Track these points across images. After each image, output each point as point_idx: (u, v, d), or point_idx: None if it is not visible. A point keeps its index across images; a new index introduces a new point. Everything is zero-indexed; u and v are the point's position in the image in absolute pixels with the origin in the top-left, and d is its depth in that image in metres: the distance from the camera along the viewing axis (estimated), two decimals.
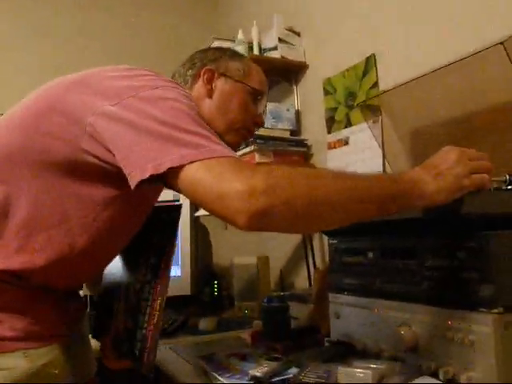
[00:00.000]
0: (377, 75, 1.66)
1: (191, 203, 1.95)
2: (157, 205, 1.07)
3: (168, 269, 0.93)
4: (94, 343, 1.08)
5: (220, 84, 1.10)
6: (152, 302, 0.92)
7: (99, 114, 0.81)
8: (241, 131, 1.12)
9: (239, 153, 1.94)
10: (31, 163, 0.84)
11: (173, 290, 1.86)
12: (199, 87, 1.11)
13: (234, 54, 1.18)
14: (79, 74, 0.90)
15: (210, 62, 1.13)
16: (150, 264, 0.97)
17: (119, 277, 1.06)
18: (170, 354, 1.27)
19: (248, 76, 1.13)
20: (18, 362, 0.82)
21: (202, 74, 1.11)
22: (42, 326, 0.86)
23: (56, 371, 0.86)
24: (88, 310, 1.25)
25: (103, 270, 1.10)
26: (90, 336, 1.07)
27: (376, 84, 1.66)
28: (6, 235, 0.84)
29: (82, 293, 1.08)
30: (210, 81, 1.10)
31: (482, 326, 0.79)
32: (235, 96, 1.10)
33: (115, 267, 1.07)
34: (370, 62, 1.68)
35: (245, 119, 1.11)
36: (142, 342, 0.90)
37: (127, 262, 1.06)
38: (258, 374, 0.94)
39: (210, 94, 1.10)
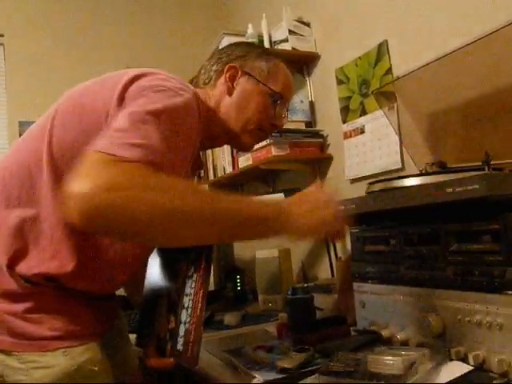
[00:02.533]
0: (390, 61, 1.65)
1: None
2: None
3: (209, 261, 0.94)
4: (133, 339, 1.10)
5: (242, 83, 1.10)
6: (194, 296, 0.92)
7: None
8: (256, 132, 1.12)
9: (256, 147, 1.95)
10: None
11: None
12: (221, 84, 1.10)
13: (263, 53, 1.15)
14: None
15: (236, 58, 1.12)
16: (190, 259, 0.97)
17: (159, 285, 1.07)
18: None
19: (271, 77, 1.11)
20: (59, 360, 0.84)
21: (225, 70, 1.10)
22: (80, 326, 0.89)
23: (96, 368, 0.88)
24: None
25: (140, 278, 1.11)
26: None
27: (389, 70, 1.64)
28: (42, 241, 0.86)
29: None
30: (232, 78, 1.10)
31: (510, 309, 0.79)
32: (254, 96, 1.09)
33: (154, 276, 1.09)
34: (382, 49, 1.67)
35: (261, 120, 1.10)
36: (185, 336, 0.91)
37: (167, 266, 1.07)
38: (287, 366, 0.95)
39: (230, 92, 1.09)
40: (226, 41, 2.20)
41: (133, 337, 1.11)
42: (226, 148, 2.33)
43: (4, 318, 0.85)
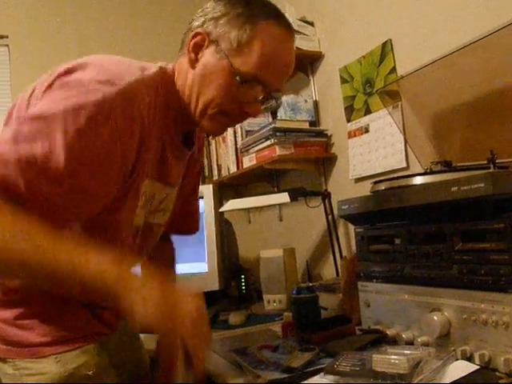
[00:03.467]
0: (394, 60, 1.64)
1: (215, 199, 1.97)
2: None
3: None
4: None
5: (207, 54, 0.89)
6: None
7: None
8: (218, 117, 0.91)
9: (259, 146, 1.95)
10: None
11: (201, 286, 1.89)
12: (186, 54, 0.91)
13: (242, 15, 0.87)
14: None
15: (210, 20, 0.89)
16: None
17: None
18: None
19: (241, 51, 0.86)
20: (51, 366, 0.84)
21: (190, 37, 0.90)
22: (71, 330, 0.87)
23: (90, 372, 0.86)
24: None
25: None
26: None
27: (394, 69, 1.64)
28: None
29: None
30: (197, 48, 0.89)
31: None
32: (217, 73, 0.87)
33: None
34: (386, 48, 1.67)
35: (224, 104, 0.89)
36: None
37: None
38: (292, 365, 0.95)
39: (192, 65, 0.90)
40: None
41: (143, 336, 1.11)
42: (230, 148, 2.34)
43: None
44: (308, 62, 2.09)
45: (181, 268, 1.96)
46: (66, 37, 2.62)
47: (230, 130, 2.36)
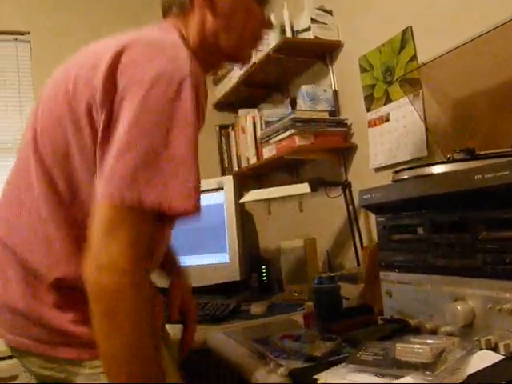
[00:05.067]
0: (414, 48, 1.62)
1: (235, 190, 1.98)
2: None
3: None
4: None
5: None
6: None
7: None
8: (252, 43, 1.03)
9: (279, 137, 1.94)
10: None
11: (222, 277, 1.92)
12: (199, 6, 0.95)
13: None
14: None
15: None
16: None
17: None
18: (224, 339, 1.30)
19: None
20: None
21: None
22: None
23: (168, 368, 0.86)
24: None
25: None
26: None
27: (414, 57, 1.62)
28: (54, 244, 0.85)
29: None
30: None
31: None
32: (238, 6, 0.96)
33: None
34: (406, 35, 1.64)
35: (254, 28, 1.00)
36: None
37: None
38: (315, 354, 0.95)
39: (212, 12, 0.94)
40: None
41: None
42: (250, 139, 2.34)
43: (68, 328, 0.82)
44: (327, 52, 2.07)
45: (202, 259, 1.99)
46: (89, 32, 2.64)
47: (249, 121, 2.36)
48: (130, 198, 0.71)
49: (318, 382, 0.83)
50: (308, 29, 1.96)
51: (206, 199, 2.02)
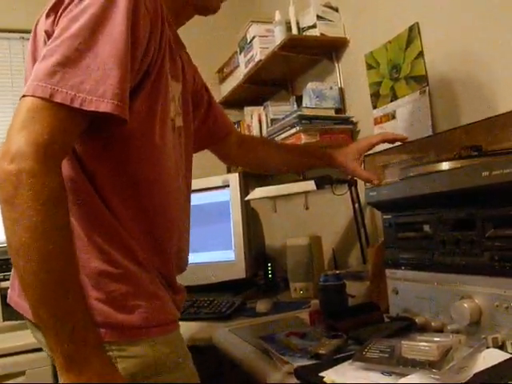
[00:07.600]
0: (421, 44, 1.61)
1: (241, 188, 1.97)
2: None
3: None
4: None
5: None
6: None
7: None
8: None
9: (285, 134, 1.94)
10: None
11: (228, 274, 1.91)
12: None
13: None
14: None
15: None
16: None
17: None
18: (230, 336, 1.30)
19: None
20: (147, 350, 0.81)
21: None
22: (165, 313, 0.88)
23: (180, 359, 0.87)
24: None
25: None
26: None
27: (421, 54, 1.61)
28: None
29: None
30: None
31: None
32: None
33: None
34: (413, 32, 1.63)
35: None
36: None
37: None
38: (320, 352, 0.95)
39: None
40: (254, 28, 2.19)
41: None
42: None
43: (95, 306, 0.79)
44: (333, 49, 2.06)
45: (208, 256, 1.99)
46: None
47: (255, 118, 2.36)
48: (42, 90, 0.71)
49: (325, 380, 0.83)
50: (314, 26, 1.95)
51: (211, 197, 2.02)
